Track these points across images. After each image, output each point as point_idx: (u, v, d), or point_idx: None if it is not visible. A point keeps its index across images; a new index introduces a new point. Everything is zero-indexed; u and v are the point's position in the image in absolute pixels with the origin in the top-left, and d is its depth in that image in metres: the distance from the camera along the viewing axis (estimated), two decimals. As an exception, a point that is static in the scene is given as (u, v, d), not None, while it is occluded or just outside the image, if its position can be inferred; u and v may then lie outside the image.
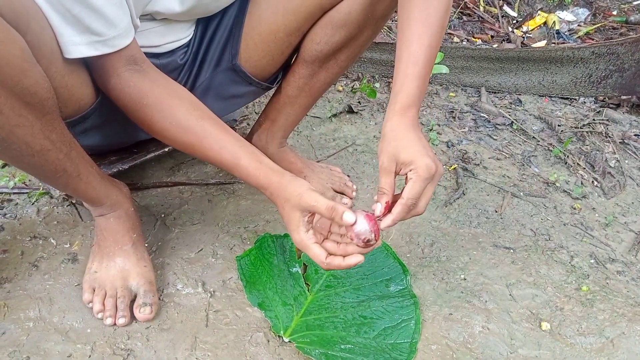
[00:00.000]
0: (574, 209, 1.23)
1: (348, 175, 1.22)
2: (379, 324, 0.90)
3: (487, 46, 1.83)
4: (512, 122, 1.52)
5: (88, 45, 0.72)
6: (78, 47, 0.71)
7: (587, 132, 1.51)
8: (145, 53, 0.89)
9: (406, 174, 0.74)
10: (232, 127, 1.21)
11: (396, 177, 0.76)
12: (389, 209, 0.74)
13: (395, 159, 0.74)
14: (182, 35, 0.91)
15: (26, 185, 1.10)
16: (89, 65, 0.79)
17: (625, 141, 1.50)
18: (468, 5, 2.06)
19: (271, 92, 1.10)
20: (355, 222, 0.71)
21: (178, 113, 0.79)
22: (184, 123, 0.79)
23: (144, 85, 0.78)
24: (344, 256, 0.73)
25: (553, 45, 1.86)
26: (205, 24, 0.95)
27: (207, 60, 0.96)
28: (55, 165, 0.75)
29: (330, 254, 0.74)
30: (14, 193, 1.09)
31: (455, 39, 1.89)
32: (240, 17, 0.94)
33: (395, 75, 0.76)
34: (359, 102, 1.53)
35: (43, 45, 0.68)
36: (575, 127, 1.53)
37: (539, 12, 2.04)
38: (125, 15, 0.73)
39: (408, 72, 0.75)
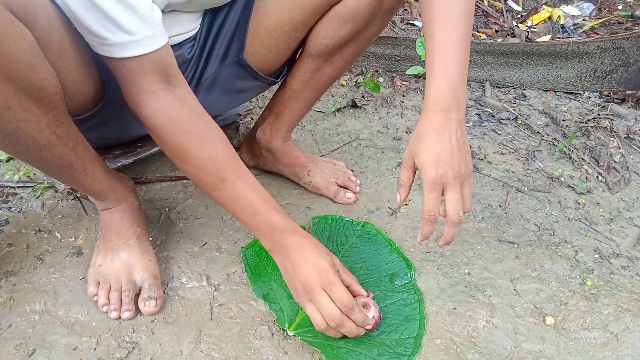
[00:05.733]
0: (579, 203, 1.23)
1: (352, 170, 1.22)
2: (383, 320, 0.90)
3: (492, 40, 1.82)
4: (517, 116, 1.52)
5: (122, 47, 0.70)
6: (112, 47, 0.70)
7: (591, 127, 1.50)
8: None
9: None
10: (236, 122, 1.22)
11: (415, 173, 0.78)
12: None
13: (413, 157, 0.75)
14: (189, 27, 0.91)
15: (31, 179, 1.11)
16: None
17: (630, 136, 1.49)
18: (472, 0, 2.04)
19: (276, 86, 1.09)
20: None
21: (218, 147, 0.78)
22: (222, 158, 0.78)
23: (184, 111, 0.77)
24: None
25: (558, 39, 1.85)
26: (212, 17, 0.94)
27: (214, 54, 0.96)
28: (62, 159, 0.75)
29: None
30: (19, 187, 1.09)
31: (460, 34, 1.88)
32: (247, 11, 0.94)
33: (426, 70, 0.75)
34: (362, 97, 1.53)
35: (51, 40, 0.68)
36: (580, 122, 1.52)
37: (544, 6, 2.03)
38: (157, 14, 0.72)
39: (434, 64, 0.73)
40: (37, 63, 0.64)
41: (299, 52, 1.02)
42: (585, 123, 1.52)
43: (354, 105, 1.48)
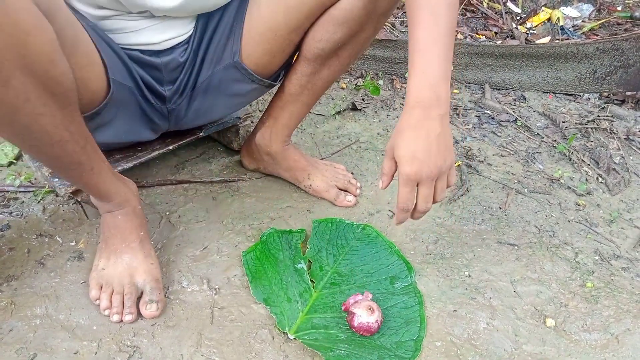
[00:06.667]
0: (579, 205, 1.23)
1: (352, 173, 1.23)
2: (384, 322, 0.90)
3: (491, 43, 1.82)
4: (516, 118, 1.52)
5: None
6: None
7: (591, 128, 1.50)
8: (144, 51, 0.89)
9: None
10: (236, 125, 1.22)
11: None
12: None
13: (393, 150, 0.78)
14: (181, 31, 0.91)
15: (32, 183, 1.11)
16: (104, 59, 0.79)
17: (630, 137, 1.49)
18: (472, 2, 2.05)
19: (274, 90, 1.10)
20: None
21: None
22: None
23: None
24: None
25: (557, 41, 1.85)
26: (205, 21, 0.94)
27: (208, 58, 0.96)
28: (72, 157, 0.76)
29: None
30: (20, 191, 1.10)
31: (459, 36, 1.89)
32: (240, 15, 0.94)
33: (408, 66, 0.76)
34: (362, 100, 1.53)
35: (66, 36, 0.69)
36: (580, 124, 1.52)
37: (543, 8, 2.04)
38: None
39: (415, 60, 0.73)
40: (57, 58, 0.65)
41: (296, 55, 1.02)
42: (585, 124, 1.52)
43: (354, 108, 1.48)
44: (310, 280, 0.96)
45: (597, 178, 1.32)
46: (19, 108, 0.63)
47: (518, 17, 2.03)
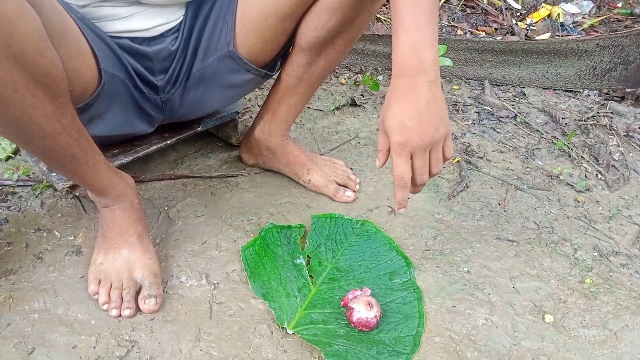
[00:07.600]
0: (578, 202, 1.23)
1: (351, 168, 1.22)
2: (383, 318, 0.90)
3: (491, 39, 1.82)
4: (516, 115, 1.52)
5: None
6: None
7: (591, 125, 1.50)
8: (134, 39, 0.88)
9: None
10: (235, 120, 1.22)
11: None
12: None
13: (383, 124, 0.77)
14: (171, 18, 0.90)
15: (30, 177, 1.11)
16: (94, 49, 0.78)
17: (630, 134, 1.49)
18: (472, -2, 2.04)
19: (271, 83, 1.09)
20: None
21: None
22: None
23: None
24: None
25: (557, 37, 1.84)
26: (196, 9, 0.93)
27: (201, 47, 0.95)
28: (65, 150, 0.75)
29: None
30: (18, 185, 1.09)
31: (459, 32, 1.88)
32: (233, 3, 0.93)
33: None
34: (361, 95, 1.53)
35: (54, 26, 0.68)
36: (579, 120, 1.52)
37: (543, 4, 2.03)
38: None
39: (395, 29, 0.72)
40: (45, 47, 0.64)
41: (291, 46, 1.01)
42: (585, 121, 1.51)
43: (353, 103, 1.48)
44: (309, 276, 0.96)
45: (597, 174, 1.32)
46: (8, 99, 0.63)
47: (518, 13, 2.02)
